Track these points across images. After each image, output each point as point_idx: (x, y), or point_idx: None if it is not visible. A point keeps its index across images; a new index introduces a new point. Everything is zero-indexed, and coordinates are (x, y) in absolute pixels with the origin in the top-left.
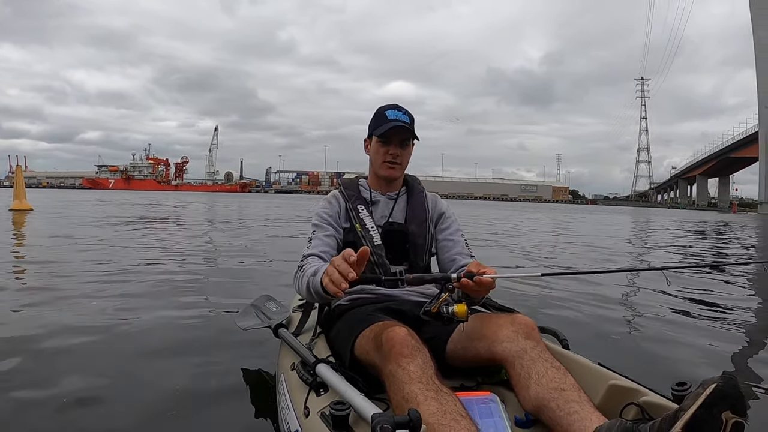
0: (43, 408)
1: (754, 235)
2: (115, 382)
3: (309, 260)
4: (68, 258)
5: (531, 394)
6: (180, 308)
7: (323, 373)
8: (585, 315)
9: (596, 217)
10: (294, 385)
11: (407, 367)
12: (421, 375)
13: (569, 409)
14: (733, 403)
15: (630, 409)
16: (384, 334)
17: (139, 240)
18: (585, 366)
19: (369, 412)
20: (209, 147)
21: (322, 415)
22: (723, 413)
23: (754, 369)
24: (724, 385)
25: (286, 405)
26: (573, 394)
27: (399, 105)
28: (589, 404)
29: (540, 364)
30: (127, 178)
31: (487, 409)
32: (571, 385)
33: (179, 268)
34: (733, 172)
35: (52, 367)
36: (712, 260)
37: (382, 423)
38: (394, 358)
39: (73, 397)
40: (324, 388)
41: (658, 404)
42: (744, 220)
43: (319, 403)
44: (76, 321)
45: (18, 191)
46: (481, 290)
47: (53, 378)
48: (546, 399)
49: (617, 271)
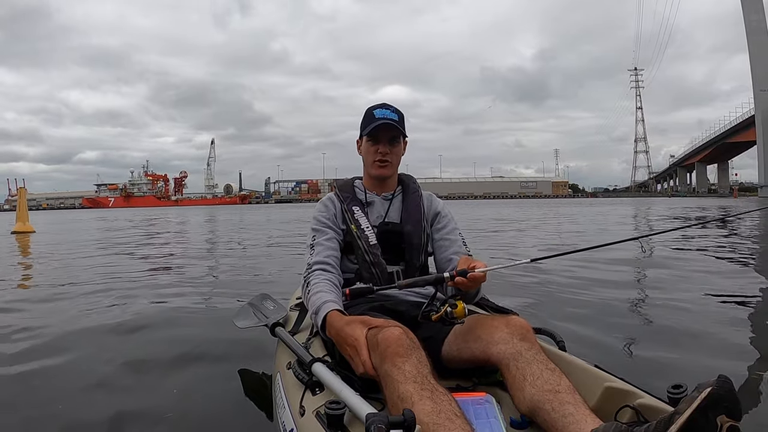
0: (42, 408)
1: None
2: (113, 382)
3: (314, 274)
4: (71, 272)
5: (526, 396)
6: (178, 308)
7: (319, 372)
8: (583, 315)
9: (596, 209)
10: (290, 383)
11: (402, 367)
12: (416, 374)
13: (564, 411)
14: (728, 406)
15: (625, 412)
16: (380, 334)
17: (139, 246)
18: (581, 368)
19: (364, 412)
20: (207, 161)
21: (317, 414)
22: (718, 417)
23: (750, 372)
24: (719, 389)
25: (282, 404)
26: (568, 396)
27: (387, 103)
28: (584, 406)
29: (535, 366)
30: (127, 196)
31: (482, 410)
32: (566, 387)
33: (178, 268)
34: (731, 157)
35: (52, 367)
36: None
37: (376, 422)
38: (389, 357)
39: (70, 397)
40: (320, 387)
41: (654, 407)
42: (746, 205)
43: (315, 402)
44: (76, 324)
45: (21, 213)
46: (474, 284)
47: (53, 378)
48: (541, 401)
49: (600, 246)
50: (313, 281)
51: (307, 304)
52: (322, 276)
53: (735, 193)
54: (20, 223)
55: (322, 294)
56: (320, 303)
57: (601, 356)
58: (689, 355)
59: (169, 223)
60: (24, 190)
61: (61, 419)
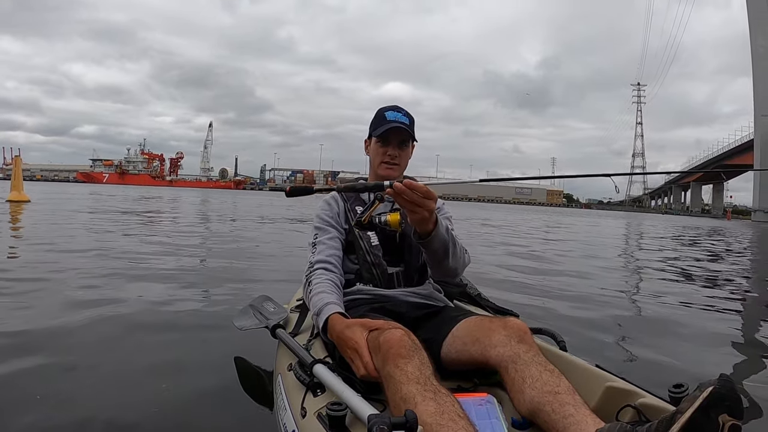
0: (39, 406)
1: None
2: (111, 383)
3: (316, 274)
4: (67, 253)
5: (525, 398)
6: (178, 308)
7: (320, 373)
8: (583, 315)
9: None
10: (291, 385)
11: (405, 368)
12: (419, 375)
13: (564, 413)
14: (730, 406)
15: (627, 412)
16: (381, 336)
17: (136, 237)
18: (582, 368)
19: (365, 413)
20: (204, 143)
21: (318, 415)
22: (720, 416)
23: (752, 371)
24: (721, 388)
25: (283, 405)
26: (568, 397)
27: (399, 106)
28: (585, 407)
29: (533, 368)
30: (122, 173)
31: (484, 410)
32: (565, 388)
33: (177, 268)
34: (727, 179)
35: (50, 367)
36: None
37: (378, 424)
38: (391, 359)
39: (67, 398)
40: (321, 389)
41: (655, 406)
42: (739, 227)
43: (316, 403)
44: (72, 321)
45: (16, 182)
46: (416, 200)
47: (51, 378)
48: (541, 403)
49: (566, 176)
50: (314, 281)
51: (309, 303)
52: (324, 276)
53: (728, 215)
54: (15, 192)
55: (324, 295)
56: (322, 305)
57: (602, 356)
58: (690, 355)
59: (162, 203)
60: (19, 159)
61: (59, 419)
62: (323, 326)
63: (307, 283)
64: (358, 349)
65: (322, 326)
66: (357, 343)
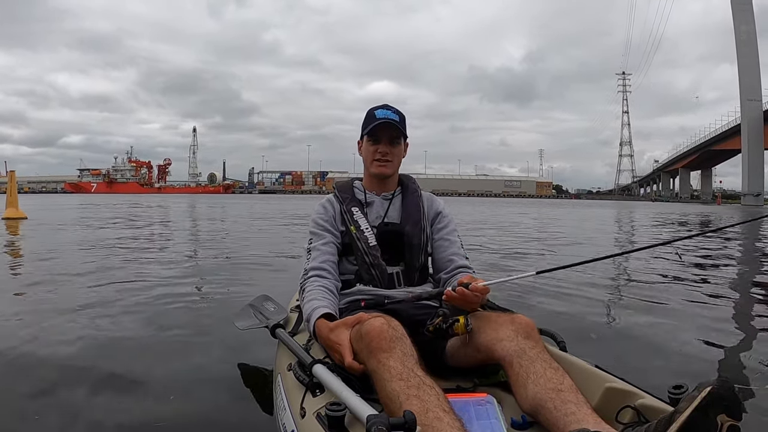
0: (43, 406)
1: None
2: (110, 383)
3: (309, 281)
4: (72, 267)
5: (528, 394)
6: (177, 308)
7: (319, 373)
8: (582, 316)
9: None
10: (290, 385)
11: (387, 363)
12: (401, 370)
13: (566, 410)
14: (728, 406)
15: (626, 412)
16: (362, 327)
17: (135, 242)
18: (582, 368)
19: (364, 413)
20: (190, 148)
21: (318, 415)
22: (718, 416)
23: (750, 372)
24: (719, 388)
25: (282, 405)
26: (570, 395)
27: (389, 105)
28: (587, 405)
29: (538, 365)
30: (110, 182)
31: (483, 410)
32: (568, 386)
33: (177, 268)
34: (714, 164)
35: (50, 367)
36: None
37: (377, 424)
38: (374, 353)
39: (66, 398)
40: (320, 389)
41: (654, 407)
42: (729, 212)
43: (316, 403)
44: (73, 325)
45: (11, 198)
46: (474, 301)
47: (50, 377)
48: (543, 399)
49: (609, 257)
50: (308, 288)
51: (303, 311)
52: (317, 282)
53: (718, 200)
54: (11, 208)
55: (314, 302)
56: (311, 311)
57: (602, 357)
58: (690, 356)
59: (152, 211)
60: (14, 174)
61: (57, 419)
62: (313, 332)
63: (302, 290)
64: (341, 351)
65: (312, 332)
66: (340, 345)
